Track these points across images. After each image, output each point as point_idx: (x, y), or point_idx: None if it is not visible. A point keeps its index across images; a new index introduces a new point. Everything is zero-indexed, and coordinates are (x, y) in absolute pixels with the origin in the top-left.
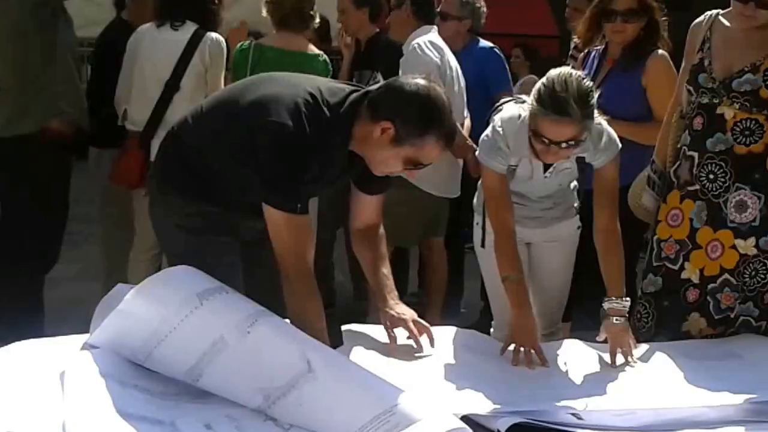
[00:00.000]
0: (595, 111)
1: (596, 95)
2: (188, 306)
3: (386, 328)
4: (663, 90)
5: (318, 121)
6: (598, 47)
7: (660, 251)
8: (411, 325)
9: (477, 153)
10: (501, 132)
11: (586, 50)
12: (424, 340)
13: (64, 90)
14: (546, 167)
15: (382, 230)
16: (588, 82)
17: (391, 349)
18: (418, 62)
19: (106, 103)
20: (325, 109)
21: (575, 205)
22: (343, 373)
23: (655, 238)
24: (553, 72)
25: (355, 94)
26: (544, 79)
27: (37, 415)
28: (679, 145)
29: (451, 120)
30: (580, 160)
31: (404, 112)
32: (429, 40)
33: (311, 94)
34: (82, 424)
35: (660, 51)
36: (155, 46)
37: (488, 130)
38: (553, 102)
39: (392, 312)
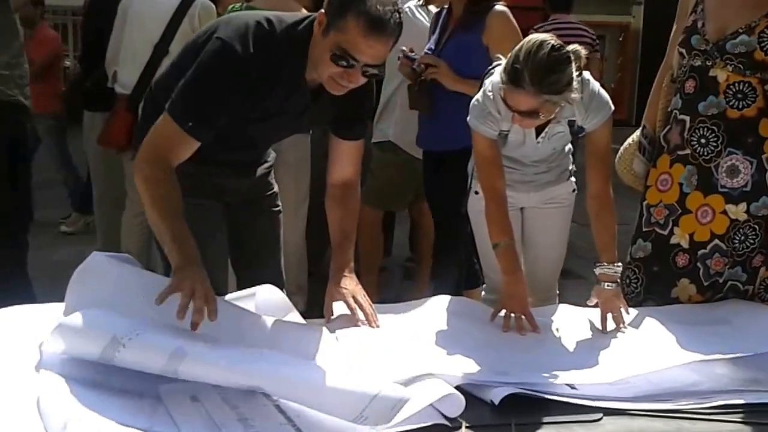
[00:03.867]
0: (576, 78)
1: (572, 68)
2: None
3: (325, 302)
4: (505, 47)
5: (267, 41)
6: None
7: (649, 216)
8: (350, 300)
9: (468, 118)
10: (491, 96)
11: (439, 9)
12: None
13: (9, 74)
14: (538, 132)
15: (358, 188)
16: (561, 55)
17: (327, 321)
18: (409, 26)
19: (98, 66)
20: (279, 29)
21: (570, 168)
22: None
23: (644, 203)
24: (527, 39)
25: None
26: (517, 46)
27: (9, 387)
28: (669, 109)
29: (377, 6)
30: (572, 124)
31: None
32: (420, 5)
33: (267, 19)
34: (58, 399)
35: (498, 7)
36: (145, 9)
37: (479, 95)
38: (510, 72)
39: (337, 285)
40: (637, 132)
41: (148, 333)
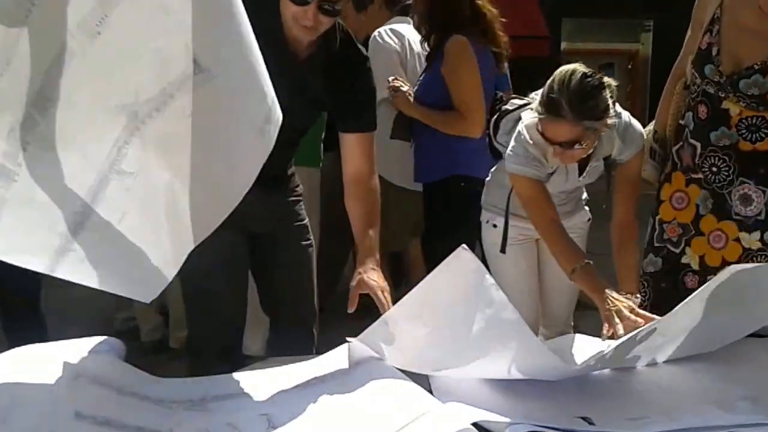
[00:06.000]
0: (613, 107)
1: (606, 93)
2: None
3: (351, 290)
4: (457, 76)
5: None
6: None
7: (662, 232)
8: (379, 294)
9: (509, 165)
10: (531, 141)
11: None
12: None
13: None
14: (581, 169)
15: (375, 182)
16: (594, 81)
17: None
18: (378, 50)
19: None
20: None
21: (584, 196)
22: None
23: (657, 218)
24: (558, 71)
25: None
26: (550, 78)
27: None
28: (682, 123)
29: None
30: (607, 157)
31: None
32: (390, 28)
33: None
34: None
35: (455, 36)
36: None
37: (514, 145)
38: (547, 102)
39: (364, 276)
40: (648, 137)
41: None
